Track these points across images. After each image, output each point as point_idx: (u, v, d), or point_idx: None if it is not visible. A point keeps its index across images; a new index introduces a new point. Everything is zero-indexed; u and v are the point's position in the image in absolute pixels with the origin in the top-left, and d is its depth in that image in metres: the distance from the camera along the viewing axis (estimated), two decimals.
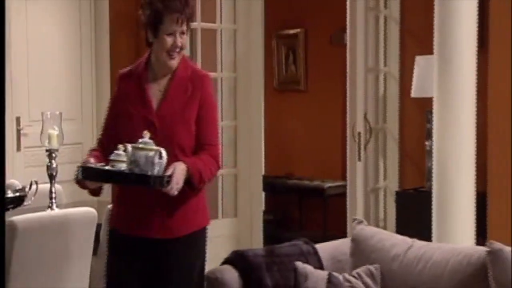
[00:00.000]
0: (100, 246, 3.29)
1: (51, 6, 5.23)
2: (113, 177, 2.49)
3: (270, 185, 5.87)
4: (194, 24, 4.69)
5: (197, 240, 2.63)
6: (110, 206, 2.86)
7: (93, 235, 3.22)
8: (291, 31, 5.99)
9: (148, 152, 2.44)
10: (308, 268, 2.86)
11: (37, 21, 5.03)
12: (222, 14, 4.88)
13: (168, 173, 2.42)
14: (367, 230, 3.07)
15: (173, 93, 2.63)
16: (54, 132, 3.34)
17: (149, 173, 2.41)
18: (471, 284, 2.68)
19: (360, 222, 3.12)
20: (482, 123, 3.80)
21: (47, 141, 3.35)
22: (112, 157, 2.48)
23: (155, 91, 2.65)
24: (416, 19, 4.66)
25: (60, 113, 3.39)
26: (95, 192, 2.62)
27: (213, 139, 2.67)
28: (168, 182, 2.41)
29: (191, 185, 2.51)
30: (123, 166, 2.45)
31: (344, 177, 4.95)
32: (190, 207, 2.58)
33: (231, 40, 4.93)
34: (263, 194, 5.52)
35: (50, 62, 5.16)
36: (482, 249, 2.71)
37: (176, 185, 2.43)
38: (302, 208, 6.00)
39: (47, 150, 3.36)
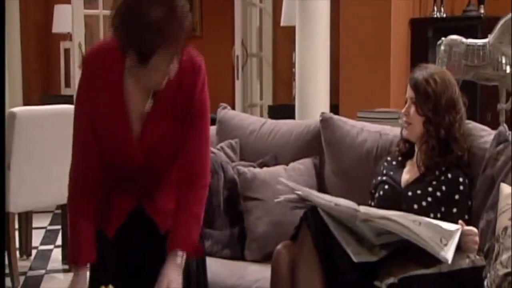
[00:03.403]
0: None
1: None
2: None
3: None
4: None
5: None
6: None
7: None
8: None
9: None
10: None
11: None
12: None
13: None
14: (230, 114, 3.13)
15: (158, 114, 1.79)
16: None
17: None
18: (309, 146, 2.80)
19: (225, 107, 3.16)
20: (335, 49, 3.99)
21: None
22: None
23: (134, 108, 1.78)
24: None
25: None
26: None
27: (203, 168, 1.83)
28: None
29: None
30: None
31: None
32: None
33: None
34: None
35: None
36: (318, 120, 2.79)
37: None
38: None
39: None
